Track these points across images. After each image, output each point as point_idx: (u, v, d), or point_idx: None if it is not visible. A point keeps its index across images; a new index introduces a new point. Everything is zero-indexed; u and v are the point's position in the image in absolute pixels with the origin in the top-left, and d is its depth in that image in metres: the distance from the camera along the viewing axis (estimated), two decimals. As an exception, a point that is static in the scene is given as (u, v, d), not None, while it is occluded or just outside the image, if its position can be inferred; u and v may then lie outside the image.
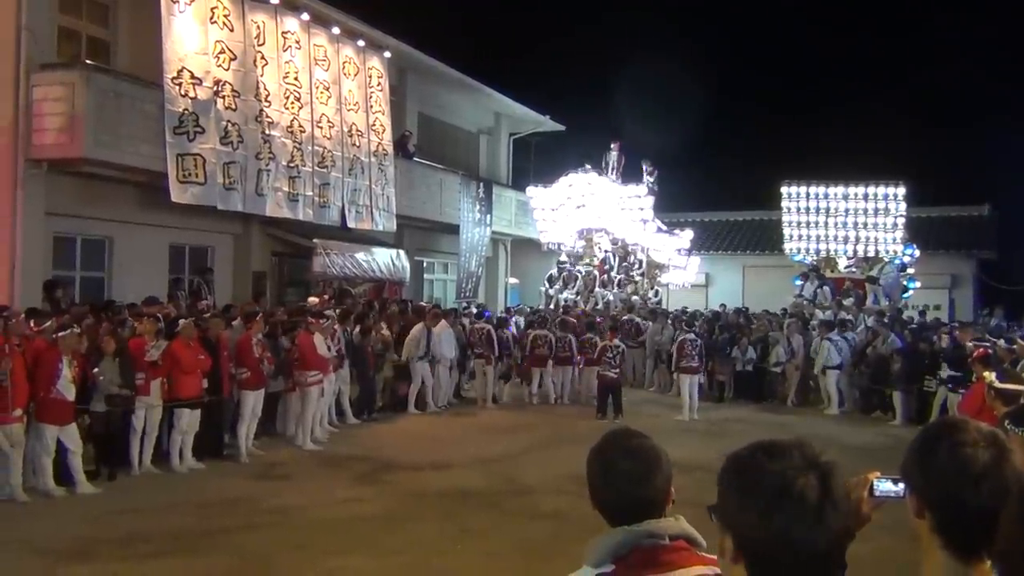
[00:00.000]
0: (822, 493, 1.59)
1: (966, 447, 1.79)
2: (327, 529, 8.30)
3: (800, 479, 1.60)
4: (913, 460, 1.87)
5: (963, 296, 25.54)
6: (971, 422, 1.91)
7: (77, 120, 12.32)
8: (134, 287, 13.71)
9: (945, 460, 1.80)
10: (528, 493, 10.00)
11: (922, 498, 1.82)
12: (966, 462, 1.77)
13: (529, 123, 27.58)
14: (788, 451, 1.66)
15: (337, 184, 17.14)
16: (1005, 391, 5.56)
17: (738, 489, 1.66)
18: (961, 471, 1.77)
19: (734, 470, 1.69)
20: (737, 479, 1.68)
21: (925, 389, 15.57)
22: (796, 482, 1.60)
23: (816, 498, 1.59)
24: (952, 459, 1.79)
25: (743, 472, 1.67)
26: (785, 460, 1.64)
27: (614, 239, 22.72)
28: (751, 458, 1.68)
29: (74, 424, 9.33)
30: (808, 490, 1.59)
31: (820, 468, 1.63)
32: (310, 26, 16.56)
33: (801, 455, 1.65)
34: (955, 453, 1.80)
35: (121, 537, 7.84)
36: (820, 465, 1.63)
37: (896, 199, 21.29)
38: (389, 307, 17.09)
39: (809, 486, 1.60)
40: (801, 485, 1.60)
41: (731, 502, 1.67)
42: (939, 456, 1.82)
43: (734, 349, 18.38)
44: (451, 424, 14.68)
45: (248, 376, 11.42)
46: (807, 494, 1.59)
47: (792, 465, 1.63)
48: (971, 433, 1.83)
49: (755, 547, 1.63)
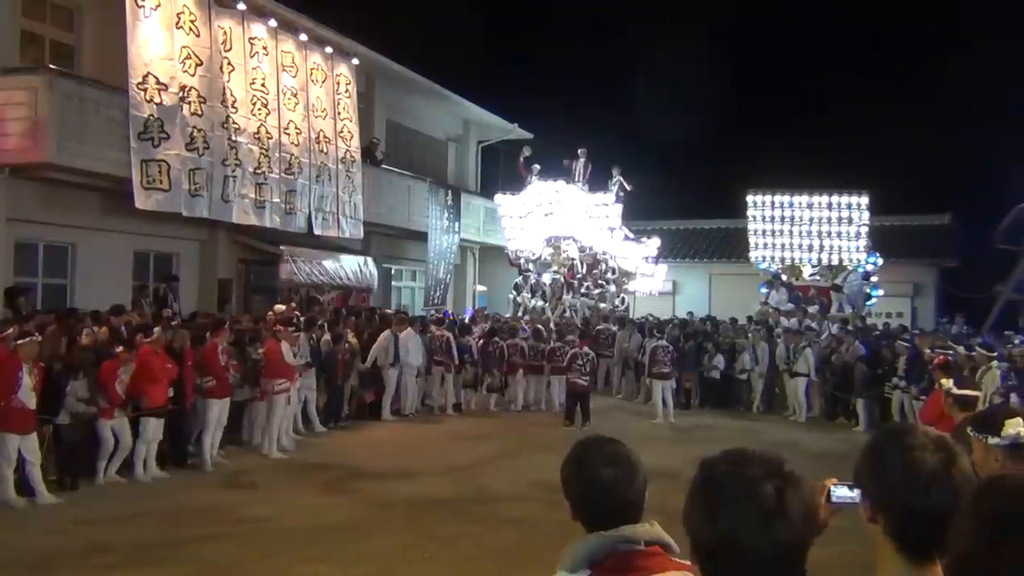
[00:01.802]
0: (776, 503, 1.61)
1: (915, 451, 1.84)
2: (294, 538, 8.24)
3: (756, 487, 1.63)
4: (864, 465, 1.91)
5: (925, 304, 25.88)
6: (920, 427, 1.95)
7: (40, 125, 12.16)
8: (97, 294, 13.53)
9: (895, 465, 1.84)
10: (496, 501, 10.00)
11: (874, 503, 1.86)
12: (915, 467, 1.82)
13: (498, 131, 27.64)
14: (751, 459, 1.68)
15: (304, 191, 17.06)
16: (962, 397, 5.67)
17: (695, 492, 1.70)
18: (911, 476, 1.81)
19: (698, 474, 1.73)
20: (698, 483, 1.71)
21: (887, 396, 15.83)
22: (750, 489, 1.63)
23: (769, 508, 1.61)
24: (901, 464, 1.83)
25: (705, 477, 1.71)
26: (746, 468, 1.66)
27: (582, 247, 22.79)
28: (713, 464, 1.72)
29: (35, 434, 9.19)
30: (762, 499, 1.61)
31: (779, 478, 1.65)
32: (277, 32, 16.48)
33: (763, 464, 1.67)
34: (904, 458, 1.84)
35: (83, 548, 7.73)
36: (780, 475, 1.66)
37: (859, 208, 21.57)
38: (350, 314, 16.93)
39: (763, 495, 1.62)
40: (755, 493, 1.62)
41: (688, 504, 1.70)
42: (889, 461, 1.86)
43: (703, 357, 18.54)
44: (418, 432, 14.64)
45: (213, 385, 11.31)
46: (759, 502, 1.61)
47: (751, 473, 1.65)
48: (920, 438, 1.87)
49: (705, 550, 1.67)
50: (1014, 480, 1.60)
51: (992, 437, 3.06)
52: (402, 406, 15.87)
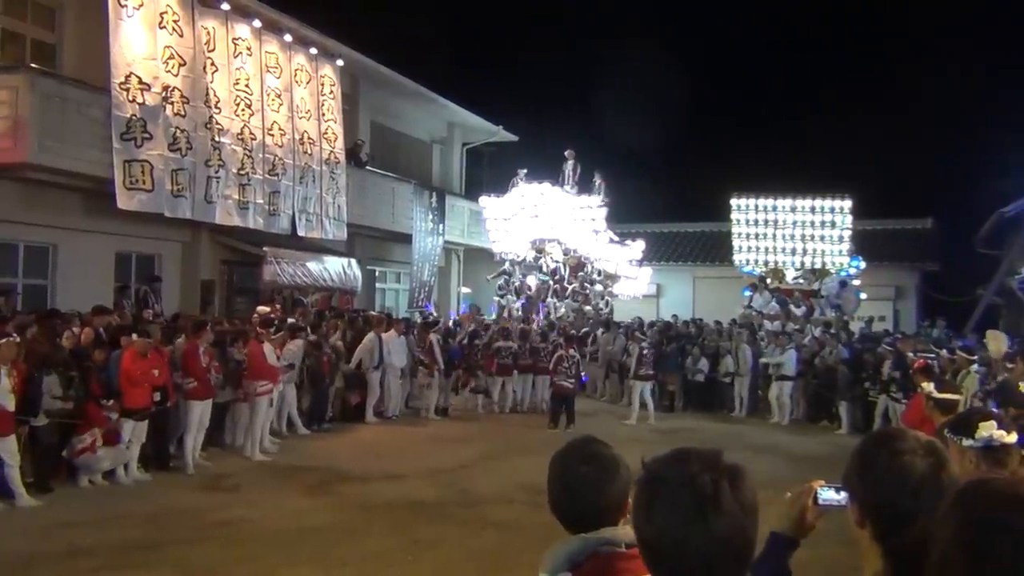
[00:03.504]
0: (711, 495, 1.60)
1: (904, 455, 1.83)
2: (276, 541, 8.20)
3: (691, 480, 1.61)
4: (853, 469, 1.90)
5: (907, 307, 26.06)
6: (909, 432, 1.95)
7: (21, 124, 12.07)
8: (79, 295, 13.40)
9: (884, 469, 1.84)
10: (479, 503, 9.98)
11: (863, 506, 1.85)
12: (904, 471, 1.81)
13: (482, 133, 27.65)
14: (690, 456, 1.67)
15: (288, 192, 17.00)
16: (942, 401, 5.69)
17: (638, 489, 1.70)
18: (900, 480, 1.80)
19: (642, 472, 1.72)
20: (640, 480, 1.71)
21: (869, 399, 15.91)
22: (685, 483, 1.61)
23: (702, 500, 1.59)
24: (891, 468, 1.83)
25: (646, 474, 1.70)
26: (685, 464, 1.65)
27: (566, 249, 22.80)
28: (655, 461, 1.71)
29: (12, 436, 9.09)
30: (695, 491, 1.60)
31: (715, 471, 1.63)
32: (261, 33, 16.43)
33: (700, 459, 1.66)
34: (894, 462, 1.83)
35: (64, 551, 7.65)
36: (717, 468, 1.64)
37: (842, 212, 21.68)
38: (336, 316, 16.88)
39: (697, 487, 1.60)
40: (689, 486, 1.61)
41: (633, 502, 1.71)
42: (878, 465, 1.86)
43: (686, 360, 18.59)
44: (402, 434, 14.60)
45: (195, 386, 11.21)
46: (693, 495, 1.60)
47: (688, 469, 1.64)
48: (909, 442, 1.87)
49: (646, 544, 1.67)
50: (999, 484, 1.57)
51: (966, 439, 3.08)
52: (386, 408, 15.83)
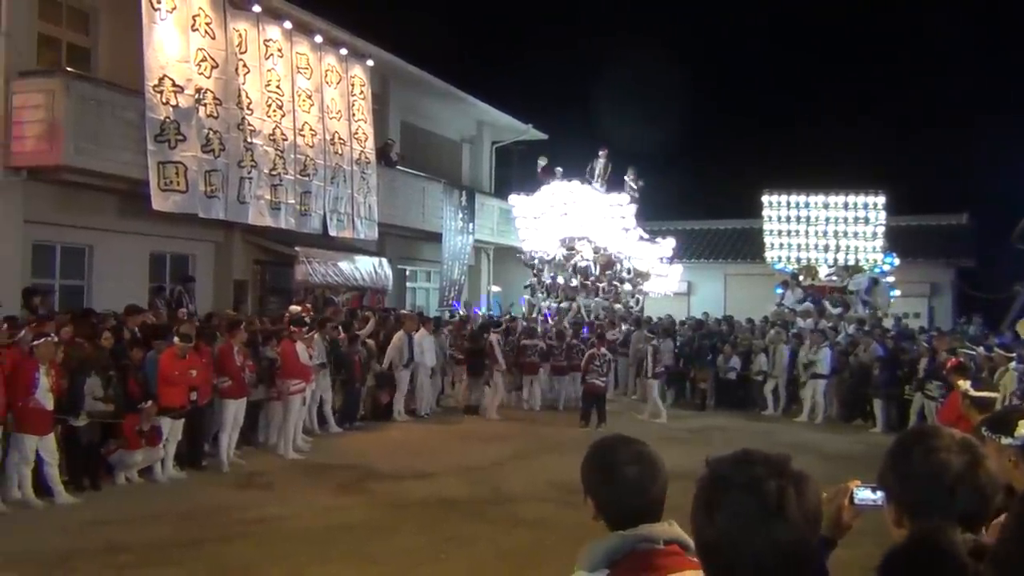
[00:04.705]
0: (776, 502, 1.59)
1: (940, 453, 1.81)
2: (309, 539, 8.25)
3: (757, 485, 1.60)
4: (889, 468, 1.89)
5: (942, 304, 25.73)
6: (945, 429, 1.93)
7: (57, 127, 12.24)
8: (114, 296, 13.58)
9: (920, 466, 1.82)
10: (511, 501, 9.99)
11: (900, 505, 1.83)
12: (941, 468, 1.79)
13: (512, 132, 27.64)
14: (756, 459, 1.66)
15: (319, 192, 17.10)
16: (979, 399, 5.63)
17: (699, 490, 1.69)
18: (936, 477, 1.78)
19: (704, 472, 1.71)
20: (703, 481, 1.70)
21: (905, 397, 15.71)
22: (751, 487, 1.60)
23: (768, 506, 1.58)
24: (927, 465, 1.81)
25: (709, 475, 1.69)
26: (750, 467, 1.64)
27: (596, 247, 22.74)
28: (718, 463, 1.70)
29: (52, 435, 9.24)
30: (762, 497, 1.59)
31: (782, 477, 1.62)
32: (292, 34, 16.54)
33: (766, 464, 1.65)
34: (929, 459, 1.81)
35: (101, 548, 7.76)
36: (783, 474, 1.63)
37: (876, 208, 21.46)
38: (363, 314, 16.97)
39: (764, 493, 1.59)
40: (756, 491, 1.60)
41: (693, 502, 1.70)
42: (914, 463, 1.83)
43: (717, 357, 18.50)
44: (433, 433, 14.64)
45: (229, 385, 11.34)
46: (759, 500, 1.59)
47: (754, 472, 1.63)
48: (945, 439, 1.85)
49: (706, 547, 1.66)
50: None
51: (1005, 437, 3.03)
52: (418, 406, 15.91)
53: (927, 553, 1.57)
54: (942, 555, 1.56)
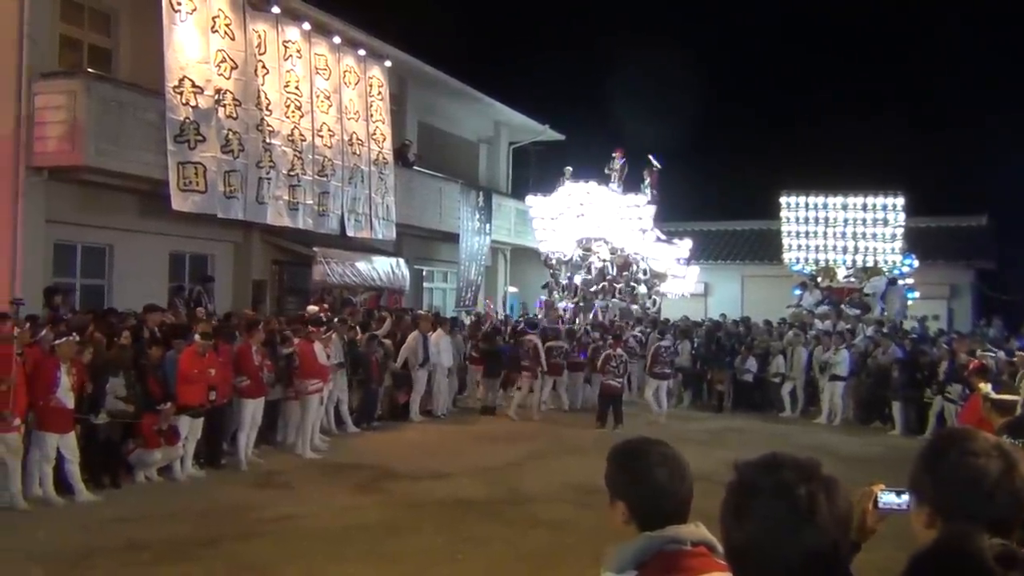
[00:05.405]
0: (807, 507, 1.59)
1: (977, 457, 1.79)
2: (327, 538, 8.29)
3: (788, 490, 1.60)
4: (923, 470, 1.86)
5: (962, 306, 25.56)
6: (979, 432, 1.91)
7: (78, 128, 12.34)
8: (134, 295, 13.68)
9: (955, 470, 1.80)
10: (529, 502, 9.99)
11: (933, 508, 1.82)
12: (980, 473, 1.77)
13: (529, 132, 27.66)
14: (785, 463, 1.66)
15: (337, 193, 17.16)
16: (1001, 402, 5.59)
17: (729, 494, 1.70)
18: (975, 482, 1.77)
19: (733, 477, 1.72)
20: (733, 485, 1.70)
21: (925, 400, 15.61)
22: (782, 492, 1.61)
23: (799, 511, 1.59)
24: (963, 469, 1.79)
25: (739, 479, 1.70)
26: (780, 471, 1.64)
27: (613, 248, 22.70)
28: (748, 467, 1.70)
29: (72, 433, 9.32)
30: (793, 502, 1.59)
31: (812, 482, 1.62)
32: (311, 35, 16.61)
33: (797, 468, 1.65)
34: (966, 463, 1.80)
35: (121, 545, 7.82)
36: (814, 479, 1.63)
37: (895, 209, 21.35)
38: (380, 314, 17.03)
39: (795, 498, 1.60)
40: (786, 496, 1.60)
41: (723, 506, 1.70)
42: (949, 466, 1.82)
43: (735, 359, 18.43)
44: (450, 433, 14.66)
45: (248, 384, 11.41)
46: (790, 505, 1.59)
47: (784, 477, 1.63)
48: (980, 443, 1.83)
49: (735, 551, 1.66)
50: None
51: None
52: (434, 407, 15.94)
53: (955, 558, 1.57)
54: (970, 560, 1.55)
